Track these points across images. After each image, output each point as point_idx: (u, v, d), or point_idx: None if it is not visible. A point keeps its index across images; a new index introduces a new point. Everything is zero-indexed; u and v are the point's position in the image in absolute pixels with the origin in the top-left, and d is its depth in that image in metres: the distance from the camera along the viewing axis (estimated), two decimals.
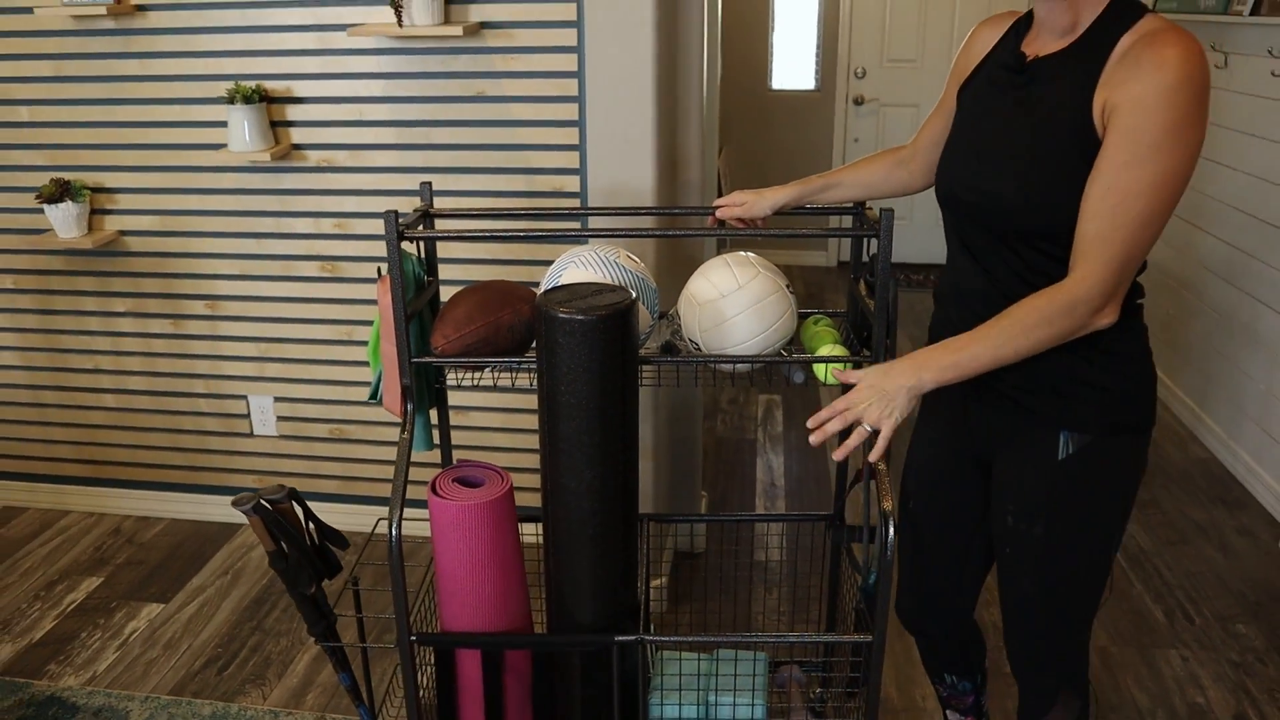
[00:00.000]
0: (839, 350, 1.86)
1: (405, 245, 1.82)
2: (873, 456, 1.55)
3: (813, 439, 1.54)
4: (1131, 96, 1.35)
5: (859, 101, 5.98)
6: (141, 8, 2.75)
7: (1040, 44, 1.51)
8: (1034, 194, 1.46)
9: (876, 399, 1.50)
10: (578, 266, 1.86)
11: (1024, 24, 1.58)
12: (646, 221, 2.53)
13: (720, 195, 5.43)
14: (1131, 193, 1.36)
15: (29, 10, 2.78)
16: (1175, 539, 3.22)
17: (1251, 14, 3.48)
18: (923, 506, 1.82)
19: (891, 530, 1.71)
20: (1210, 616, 2.82)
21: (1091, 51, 1.42)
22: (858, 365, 1.89)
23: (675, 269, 2.65)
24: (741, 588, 2.93)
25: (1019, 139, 1.49)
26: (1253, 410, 3.56)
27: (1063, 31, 1.47)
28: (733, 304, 1.80)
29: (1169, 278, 4.24)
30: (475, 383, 1.98)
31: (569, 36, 2.53)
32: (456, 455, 2.15)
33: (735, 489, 3.58)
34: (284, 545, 1.76)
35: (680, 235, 1.90)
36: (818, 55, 6.02)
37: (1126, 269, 1.40)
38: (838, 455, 1.58)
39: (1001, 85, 1.55)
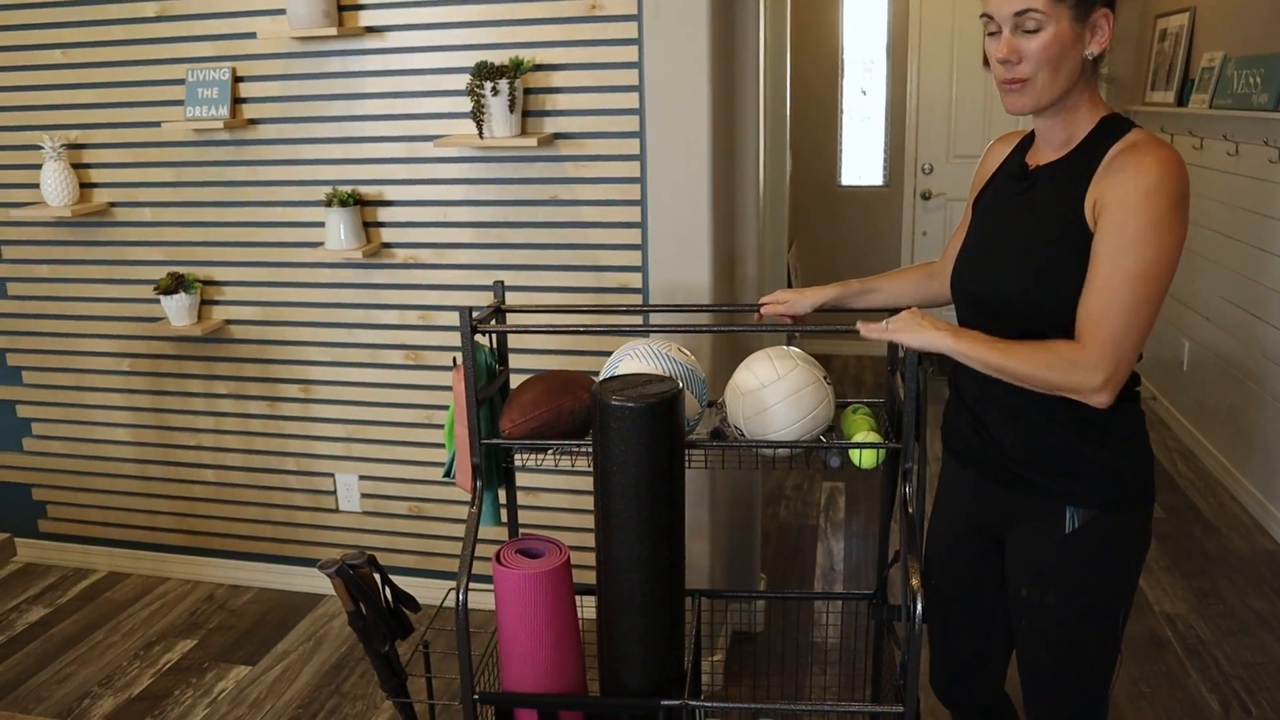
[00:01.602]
0: (873, 437, 2.00)
1: (478, 337, 2.03)
2: (865, 333, 1.80)
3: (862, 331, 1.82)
4: (1117, 197, 1.52)
5: (926, 196, 6.14)
6: (253, 121, 3.07)
7: (1041, 155, 1.71)
8: (1034, 286, 1.63)
9: (912, 320, 1.72)
10: (633, 359, 2.05)
11: (1028, 140, 1.77)
12: (703, 316, 2.72)
13: (790, 287, 5.61)
14: (1117, 279, 1.52)
15: (157, 124, 3.13)
16: (1236, 629, 3.23)
17: None
18: (945, 581, 1.94)
19: (919, 607, 1.83)
20: (1269, 708, 2.82)
21: (1085, 160, 1.61)
22: (891, 452, 2.04)
23: (734, 358, 2.82)
24: (798, 666, 3.03)
25: (1021, 237, 1.67)
26: None
27: (1060, 145, 1.67)
28: (773, 394, 1.96)
29: (1233, 368, 4.27)
30: (539, 463, 2.16)
31: (633, 146, 2.76)
32: (524, 531, 2.33)
33: (795, 571, 3.69)
34: (362, 606, 1.95)
35: (730, 330, 2.07)
36: (886, 152, 6.22)
37: (1122, 349, 1.54)
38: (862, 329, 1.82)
39: (1007, 192, 1.75)
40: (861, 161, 6.34)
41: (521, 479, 3.06)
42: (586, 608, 2.26)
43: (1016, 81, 1.59)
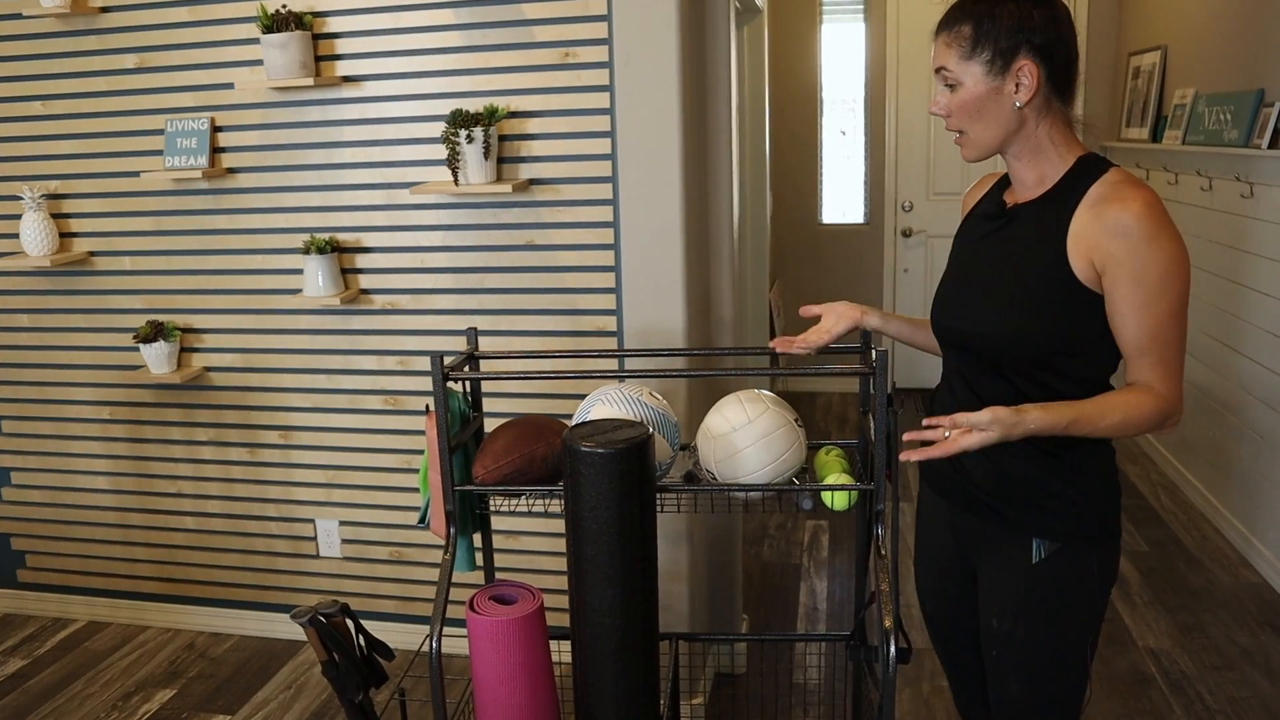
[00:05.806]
0: (845, 479, 2.01)
1: (452, 384, 2.04)
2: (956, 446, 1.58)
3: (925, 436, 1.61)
4: (1124, 249, 1.55)
5: (907, 234, 6.19)
6: (232, 170, 3.09)
7: (1018, 195, 1.75)
8: (1014, 322, 1.66)
9: (993, 429, 1.54)
10: (604, 404, 2.06)
11: (1005, 181, 1.81)
12: (678, 359, 2.73)
13: (771, 325, 5.60)
14: (1160, 324, 1.57)
15: (137, 174, 3.15)
16: (1220, 664, 3.22)
17: (1270, 147, 3.64)
18: (937, 609, 1.98)
19: (894, 648, 1.84)
20: None
21: (1062, 199, 1.64)
22: (862, 494, 2.05)
23: (708, 401, 2.82)
24: (780, 708, 3.01)
25: (1000, 274, 1.70)
26: None
27: (1034, 185, 1.70)
28: (744, 437, 1.97)
29: (1213, 401, 4.30)
30: (512, 509, 2.16)
31: (606, 191, 2.79)
32: (502, 575, 2.32)
33: (778, 611, 3.67)
34: (335, 655, 1.94)
35: (704, 375, 2.08)
36: (866, 190, 6.28)
37: (1180, 378, 1.62)
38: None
39: (983, 230, 1.78)
40: (842, 200, 6.39)
41: (500, 522, 3.06)
42: (564, 652, 2.26)
43: (957, 133, 1.69)
